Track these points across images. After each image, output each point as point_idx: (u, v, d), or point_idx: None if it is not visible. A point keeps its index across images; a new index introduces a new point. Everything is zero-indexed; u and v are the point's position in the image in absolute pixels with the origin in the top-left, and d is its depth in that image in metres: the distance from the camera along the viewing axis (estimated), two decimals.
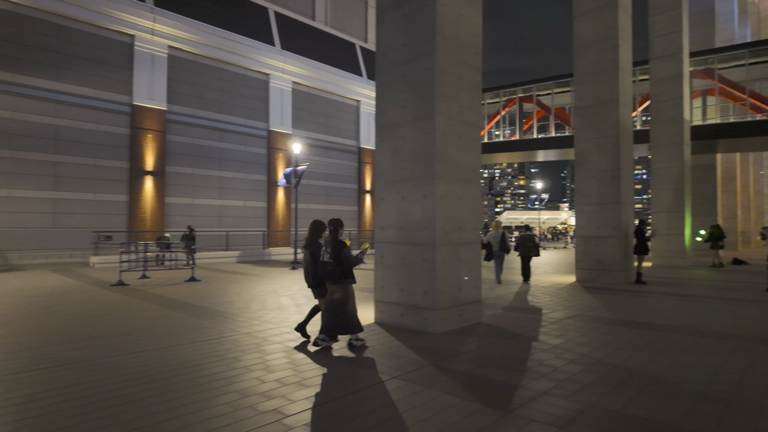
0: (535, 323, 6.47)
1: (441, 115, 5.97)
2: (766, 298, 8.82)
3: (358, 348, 5.16)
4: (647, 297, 8.97)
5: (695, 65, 18.95)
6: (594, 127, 11.82)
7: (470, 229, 6.44)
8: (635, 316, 6.96)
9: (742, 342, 5.41)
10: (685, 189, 16.92)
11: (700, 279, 12.18)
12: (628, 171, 11.85)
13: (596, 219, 11.73)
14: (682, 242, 16.80)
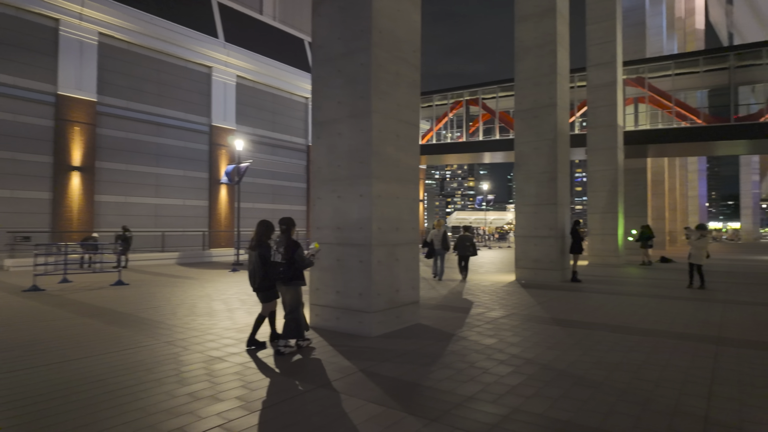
0: (471, 323, 6.46)
1: (378, 113, 5.80)
2: (687, 295, 9.36)
3: (289, 354, 4.91)
4: (581, 295, 9.27)
5: (628, 74, 20.05)
6: (533, 130, 12.14)
7: (408, 230, 6.33)
8: (568, 315, 7.13)
9: (663, 338, 5.63)
10: (619, 191, 17.83)
11: (631, 277, 12.82)
12: (565, 173, 12.26)
13: (534, 219, 12.05)
14: (615, 241, 17.68)
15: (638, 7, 24.07)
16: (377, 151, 5.80)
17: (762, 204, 78.05)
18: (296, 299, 5.16)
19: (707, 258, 10.46)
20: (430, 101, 26.06)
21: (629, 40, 24.46)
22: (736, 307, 7.83)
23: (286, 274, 5.05)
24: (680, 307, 7.81)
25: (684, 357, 4.79)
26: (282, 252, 5.06)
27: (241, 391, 3.77)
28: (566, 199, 12.29)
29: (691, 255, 10.44)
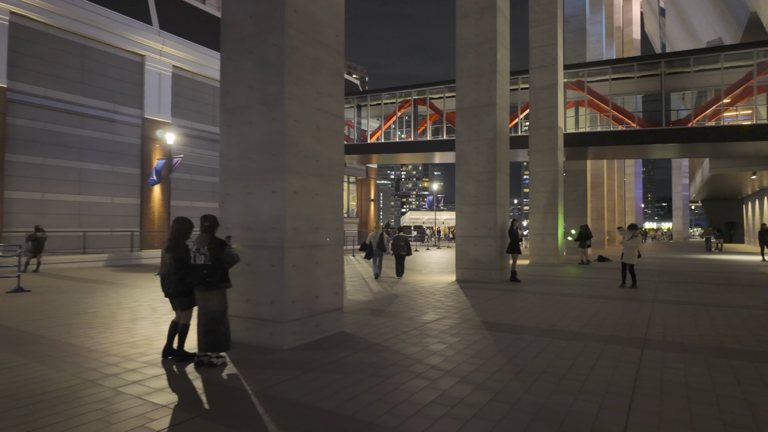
0: (399, 329, 6.04)
1: (293, 100, 5.25)
2: (619, 294, 9.45)
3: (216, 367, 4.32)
4: (517, 295, 9.13)
5: (569, 77, 20.55)
6: (473, 129, 11.98)
7: (330, 230, 5.82)
8: (500, 317, 6.88)
9: (590, 342, 5.45)
10: (559, 192, 18.16)
11: (568, 276, 12.96)
12: (505, 173, 12.19)
13: (474, 219, 11.89)
14: (555, 241, 18.00)
15: (579, 14, 24.83)
16: (293, 142, 5.25)
17: (691, 205, 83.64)
18: (224, 304, 4.62)
19: (639, 258, 10.66)
20: (379, 99, 25.71)
21: (571, 45, 25.19)
22: (663, 307, 7.90)
23: (212, 276, 4.48)
24: (611, 308, 7.79)
25: (608, 364, 4.58)
26: (206, 253, 4.48)
27: (98, 426, 3.12)
28: (506, 199, 12.22)
29: (623, 255, 10.60)
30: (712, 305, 8.08)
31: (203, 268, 4.51)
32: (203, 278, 4.50)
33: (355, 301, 8.47)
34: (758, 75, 16.91)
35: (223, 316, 4.59)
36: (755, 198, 34.59)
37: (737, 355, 4.89)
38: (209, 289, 4.54)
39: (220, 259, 4.54)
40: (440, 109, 24.16)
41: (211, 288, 4.53)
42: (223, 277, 4.59)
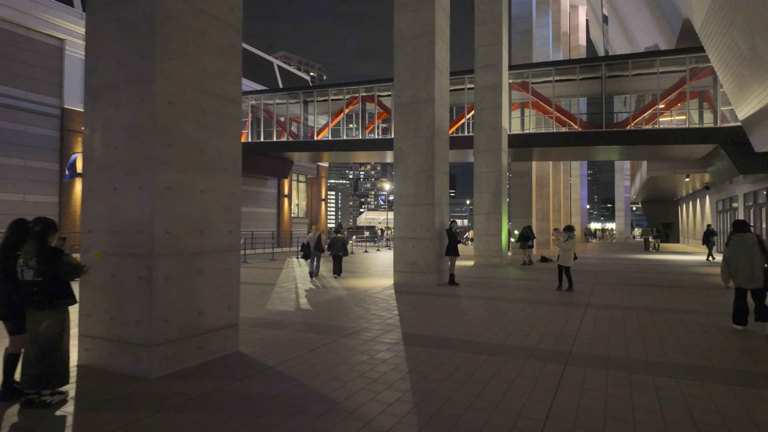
0: (307, 345, 5.31)
1: (167, 78, 4.40)
2: (554, 298, 9.14)
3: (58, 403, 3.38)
4: (450, 301, 8.62)
5: (514, 78, 20.54)
6: (411, 126, 11.43)
7: (222, 234, 5.00)
8: (424, 328, 6.29)
9: (512, 357, 4.93)
10: (503, 192, 18.02)
11: (508, 278, 12.67)
12: (443, 172, 11.73)
13: (412, 220, 11.34)
14: (499, 242, 17.84)
15: (526, 16, 25.00)
16: (166, 127, 4.39)
17: (632, 206, 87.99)
18: (61, 327, 3.68)
19: (575, 259, 10.46)
20: (326, 95, 24.82)
21: (518, 47, 25.33)
22: (595, 312, 7.60)
23: (44, 293, 3.57)
24: (542, 314, 7.39)
25: (524, 386, 4.05)
26: (34, 266, 3.57)
27: None
28: (444, 200, 11.75)
29: (559, 257, 10.35)
30: (643, 309, 7.87)
31: (32, 284, 3.59)
32: (32, 296, 3.59)
33: (272, 312, 7.65)
34: (691, 80, 17.44)
35: (58, 342, 3.69)
36: (689, 200, 36.40)
37: (662, 370, 4.50)
38: (41, 309, 3.63)
39: (56, 272, 3.64)
40: (389, 107, 23.59)
41: (42, 307, 3.62)
42: (61, 293, 3.70)
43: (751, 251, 6.07)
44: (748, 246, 6.12)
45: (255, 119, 26.35)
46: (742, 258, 6.13)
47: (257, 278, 12.60)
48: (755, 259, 6.04)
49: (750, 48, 12.49)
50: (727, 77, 14.91)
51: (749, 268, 6.07)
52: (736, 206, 21.93)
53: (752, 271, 6.06)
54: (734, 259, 6.21)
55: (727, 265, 6.33)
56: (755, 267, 6.04)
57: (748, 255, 6.09)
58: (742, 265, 6.13)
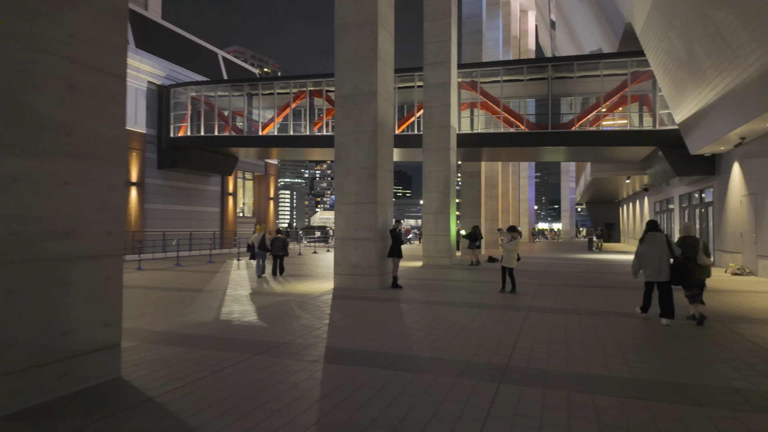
0: (208, 368, 4.52)
1: (15, 40, 3.49)
2: (497, 301, 8.77)
3: None
4: (389, 306, 8.02)
5: (463, 77, 20.37)
6: (353, 119, 10.77)
7: (97, 236, 4.11)
8: (353, 340, 5.64)
9: (442, 375, 4.37)
10: (451, 192, 17.73)
11: (453, 280, 12.28)
12: (387, 169, 11.15)
13: (354, 219, 10.69)
14: (448, 242, 17.53)
15: (477, 15, 24.98)
16: (13, 102, 3.48)
17: (577, 207, 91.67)
18: None
19: (518, 260, 10.18)
20: (271, 88, 23.69)
21: (468, 47, 25.29)
22: (537, 317, 7.24)
23: None
24: (483, 319, 6.94)
25: (451, 413, 3.48)
26: None
27: None
28: (388, 198, 11.18)
29: (502, 258, 10.03)
30: (585, 313, 7.61)
31: None
32: None
33: (186, 324, 6.75)
34: (632, 84, 17.87)
35: None
36: (629, 201, 37.99)
37: (604, 386, 4.07)
38: None
39: None
40: None
41: None
42: None
43: (660, 249, 6.71)
44: (658, 244, 6.73)
45: (195, 112, 24.80)
46: (653, 254, 6.74)
47: (184, 283, 11.52)
48: (663, 256, 6.69)
49: (687, 52, 12.76)
50: (665, 81, 15.29)
51: (657, 263, 6.70)
52: (673, 207, 22.84)
53: (660, 266, 6.69)
54: (645, 255, 6.82)
55: (638, 260, 6.93)
56: (663, 263, 6.68)
57: (657, 252, 6.71)
58: (651, 260, 6.74)
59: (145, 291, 10.13)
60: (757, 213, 12.90)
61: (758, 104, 10.46)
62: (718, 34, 10.67)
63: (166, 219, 24.77)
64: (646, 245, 6.83)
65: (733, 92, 11.28)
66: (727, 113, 12.16)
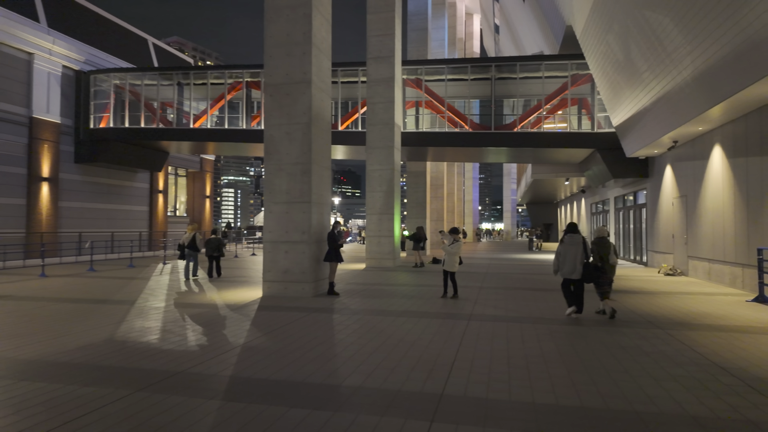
0: (58, 413, 3.50)
1: None
2: (437, 308, 8.18)
3: None
4: (320, 318, 7.20)
5: (408, 74, 19.88)
6: (284, 110, 9.83)
7: None
8: (266, 366, 4.78)
9: (362, 413, 3.62)
10: (395, 191, 17.14)
11: (395, 284, 11.64)
12: (323, 166, 10.30)
13: (286, 221, 9.75)
14: (391, 244, 16.93)
15: (422, 13, 24.61)
16: None
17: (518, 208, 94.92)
18: None
19: (460, 264, 9.68)
20: (204, 78, 22.05)
21: (413, 45, 24.87)
22: (478, 327, 6.70)
23: None
24: (421, 331, 6.29)
25: None
26: None
27: None
28: (325, 197, 10.34)
29: (444, 261, 9.49)
30: (528, 320, 7.17)
31: None
32: None
33: (63, 348, 5.58)
34: (572, 86, 18.11)
35: None
36: (567, 202, 39.35)
37: (550, 421, 3.49)
38: None
39: None
40: None
41: None
42: None
43: (576, 249, 7.26)
44: (575, 244, 7.28)
45: (119, 101, 22.65)
46: (570, 254, 7.29)
47: (89, 293, 10.07)
48: (578, 256, 7.25)
49: (625, 54, 12.87)
50: (604, 84, 15.50)
51: (573, 262, 7.26)
52: (608, 209, 23.60)
53: (575, 265, 7.25)
54: (563, 254, 7.36)
55: (557, 259, 7.44)
56: (578, 262, 7.25)
57: (574, 252, 7.27)
58: (569, 259, 7.29)
59: (36, 303, 8.65)
60: (688, 215, 13.28)
61: (691, 107, 10.62)
62: (655, 37, 10.73)
63: (85, 219, 22.43)
64: (564, 246, 7.37)
65: (668, 95, 11.44)
66: (661, 116, 12.37)
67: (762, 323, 6.93)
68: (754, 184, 9.91)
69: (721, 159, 11.34)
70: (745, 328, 6.62)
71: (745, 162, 10.22)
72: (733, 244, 10.74)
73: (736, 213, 10.61)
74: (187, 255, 12.39)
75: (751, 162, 10.01)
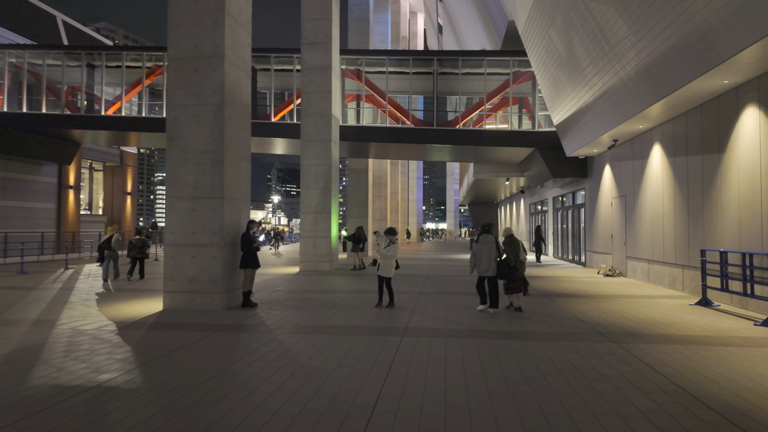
0: None
1: None
2: (370, 320, 7.10)
3: None
4: (226, 339, 5.87)
5: (347, 64, 18.72)
6: (192, 89, 8.35)
7: None
8: (100, 426, 3.45)
9: None
10: (333, 189, 15.93)
11: (328, 290, 10.44)
12: (240, 156, 8.90)
13: (192, 220, 8.27)
14: (328, 245, 15.69)
15: (363, 2, 23.54)
16: None
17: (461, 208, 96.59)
18: None
19: (397, 269, 8.67)
20: (119, 60, 19.64)
21: (354, 35, 23.75)
22: (413, 344, 5.68)
23: None
24: (342, 356, 5.16)
25: None
26: None
27: None
28: (241, 193, 8.95)
29: (378, 266, 8.44)
30: (469, 334, 6.26)
31: None
32: None
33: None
34: (513, 83, 17.76)
35: None
36: (507, 203, 39.85)
37: None
38: None
39: None
40: None
41: None
42: None
43: (490, 248, 7.84)
44: (489, 244, 7.87)
45: (15, 83, 19.71)
46: (485, 253, 7.84)
47: None
48: (492, 255, 7.82)
49: (567, 49, 12.46)
50: (545, 81, 15.16)
51: (488, 261, 7.80)
52: (546, 209, 23.71)
53: (489, 263, 7.80)
54: (478, 254, 7.90)
55: (473, 258, 8.02)
56: (491, 260, 7.80)
57: (488, 251, 7.82)
58: (484, 258, 7.83)
59: None
60: (627, 215, 13.13)
61: (634, 104, 10.28)
62: (598, 29, 10.30)
63: None
64: (479, 245, 7.91)
65: (610, 92, 11.09)
66: (602, 114, 12.07)
67: (714, 332, 6.45)
68: (694, 184, 9.69)
69: (660, 158, 11.15)
70: (699, 338, 6.07)
71: (686, 161, 10.01)
72: (672, 245, 10.54)
73: (676, 213, 10.40)
74: (106, 256, 11.96)
75: (692, 161, 9.79)
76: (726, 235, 8.58)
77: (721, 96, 8.71)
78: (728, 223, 8.51)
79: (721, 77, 7.77)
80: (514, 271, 7.80)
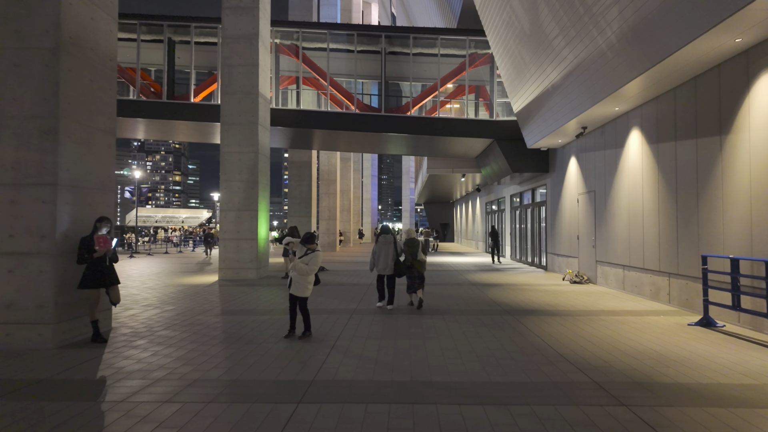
0: None
1: None
2: (266, 366, 4.78)
3: None
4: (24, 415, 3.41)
5: (282, 38, 16.25)
6: (10, 25, 5.71)
7: None
8: None
9: None
10: (260, 181, 13.42)
11: (233, 310, 8.00)
12: (91, 126, 6.30)
13: (9, 216, 5.65)
14: (254, 249, 13.17)
15: None
16: None
17: (417, 208, 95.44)
18: None
19: (317, 284, 6.40)
20: None
21: (296, 11, 21.28)
22: (309, 420, 3.44)
23: None
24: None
25: None
26: None
27: None
28: (93, 179, 6.38)
29: (291, 283, 6.14)
30: (408, 389, 4.09)
31: None
32: None
33: None
34: (470, 67, 15.92)
35: None
36: (463, 202, 38.47)
37: None
38: None
39: None
40: (134, 64, 16.54)
41: None
42: None
43: (388, 248, 8.16)
44: (388, 244, 8.18)
45: None
46: (383, 252, 8.16)
47: None
48: (390, 254, 8.14)
49: (531, 19, 10.60)
50: (505, 61, 13.33)
51: (386, 260, 8.13)
52: (504, 208, 22.16)
53: (387, 262, 8.13)
54: (378, 253, 8.20)
55: (373, 257, 8.29)
56: (389, 259, 8.14)
57: (386, 251, 8.15)
58: (382, 257, 8.15)
59: None
60: (597, 213, 11.49)
61: (612, 79, 8.51)
62: None
63: None
64: (379, 245, 8.20)
65: (583, 65, 9.31)
66: (572, 95, 10.31)
67: (752, 377, 4.61)
68: (685, 176, 8.01)
69: (640, 146, 9.48)
70: (736, 392, 4.20)
71: (674, 148, 8.33)
72: (656, 249, 8.86)
73: (660, 211, 8.72)
74: None
75: (682, 148, 8.11)
76: (730, 237, 6.89)
77: (722, 65, 7.03)
78: (734, 223, 6.83)
79: (733, 34, 6.02)
80: (411, 270, 8.18)
